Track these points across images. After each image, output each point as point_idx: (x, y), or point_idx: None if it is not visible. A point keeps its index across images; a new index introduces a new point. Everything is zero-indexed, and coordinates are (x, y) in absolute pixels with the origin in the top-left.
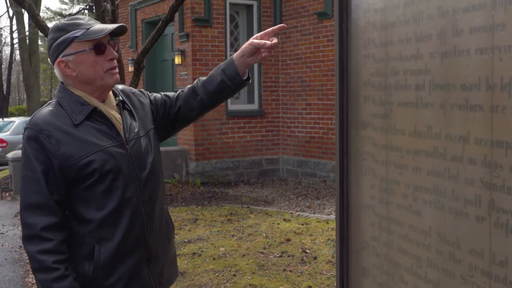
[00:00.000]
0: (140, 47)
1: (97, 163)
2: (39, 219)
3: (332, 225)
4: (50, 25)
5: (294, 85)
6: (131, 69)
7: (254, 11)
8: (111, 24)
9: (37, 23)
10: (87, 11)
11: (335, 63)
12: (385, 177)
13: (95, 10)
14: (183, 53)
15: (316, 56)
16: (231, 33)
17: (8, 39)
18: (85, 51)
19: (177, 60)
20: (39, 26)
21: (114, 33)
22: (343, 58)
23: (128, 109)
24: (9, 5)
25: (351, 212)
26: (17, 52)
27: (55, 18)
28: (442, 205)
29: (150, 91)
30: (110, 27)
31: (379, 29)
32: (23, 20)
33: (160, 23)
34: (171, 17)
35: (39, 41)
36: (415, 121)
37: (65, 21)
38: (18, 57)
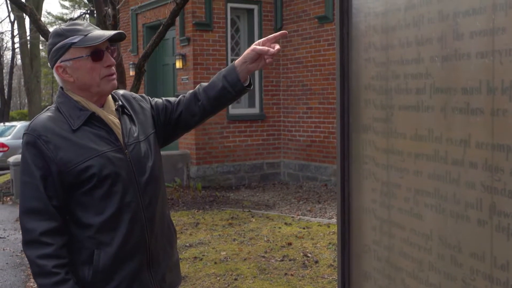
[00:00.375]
0: (141, 51)
1: (95, 168)
2: (38, 224)
3: (333, 229)
4: (51, 29)
5: (295, 89)
6: (132, 73)
7: (255, 15)
8: (112, 30)
9: (38, 27)
10: (88, 16)
11: (336, 66)
12: (386, 181)
13: (96, 14)
14: (184, 57)
15: (317, 60)
16: (232, 37)
17: (9, 44)
18: (82, 57)
19: (178, 64)
20: (41, 30)
21: (112, 39)
22: (344, 61)
23: (128, 114)
24: (10, 9)
25: (353, 215)
26: (18, 56)
27: (56, 22)
28: (443, 208)
29: (151, 96)
30: (107, 34)
31: (380, 33)
32: (24, 24)
33: (161, 28)
34: (172, 22)
35: (40, 46)
36: (416, 125)
37: (64, 26)
38: (19, 62)
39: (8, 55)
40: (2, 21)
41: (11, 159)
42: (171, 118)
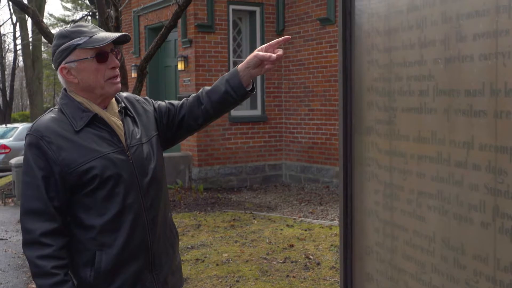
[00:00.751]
0: (143, 53)
1: (97, 169)
2: (38, 225)
3: (335, 230)
4: (53, 31)
5: (297, 91)
6: (134, 75)
7: (257, 17)
8: (115, 31)
9: (40, 29)
10: (90, 18)
11: (339, 68)
12: (389, 183)
13: (98, 16)
14: (186, 59)
15: (318, 62)
16: (234, 39)
17: (11, 45)
18: (87, 59)
19: (180, 66)
20: (43, 32)
21: (117, 41)
22: (347, 63)
23: (131, 116)
24: (12, 11)
25: (355, 217)
26: (20, 58)
27: (58, 24)
28: (446, 210)
29: (153, 97)
30: (112, 35)
31: (382, 35)
32: (26, 26)
33: (163, 29)
34: (174, 23)
35: (42, 47)
36: (419, 127)
37: (69, 28)
38: (21, 63)
39: (10, 56)
40: (4, 23)
41: (13, 161)
42: (174, 121)
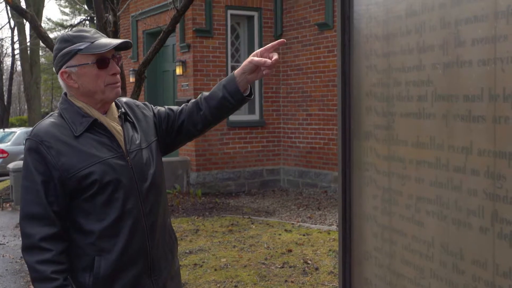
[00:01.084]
0: (141, 57)
1: (97, 174)
2: (38, 230)
3: (333, 235)
4: (51, 36)
5: (295, 95)
6: (132, 79)
7: (255, 22)
8: (113, 36)
9: (39, 34)
10: (88, 22)
11: (337, 73)
12: (388, 188)
13: (96, 21)
14: (184, 64)
15: (316, 66)
16: (232, 44)
17: (9, 50)
18: (88, 64)
19: (178, 70)
20: (41, 37)
21: (118, 47)
22: (345, 68)
23: (130, 121)
24: (10, 16)
25: (354, 222)
26: (18, 62)
27: (56, 29)
28: (445, 215)
29: (151, 102)
30: (114, 42)
31: (381, 40)
32: (24, 30)
33: (161, 34)
34: (172, 28)
35: (40, 52)
36: (418, 132)
37: (72, 32)
38: (19, 68)
39: (8, 61)
40: (2, 27)
41: (11, 165)
42: (173, 126)
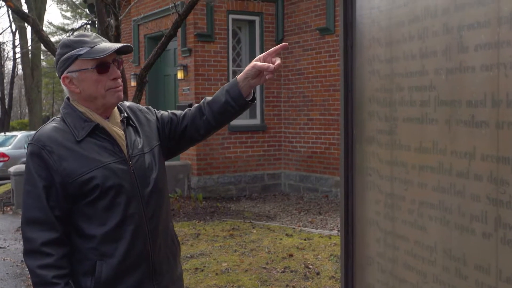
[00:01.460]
0: (142, 62)
1: (99, 179)
2: (39, 234)
3: (334, 240)
4: (52, 39)
5: (296, 100)
6: (133, 83)
7: (256, 26)
8: (115, 41)
9: (41, 38)
10: (89, 26)
11: (340, 78)
12: (390, 193)
13: (99, 25)
14: (185, 68)
15: (318, 71)
16: (234, 48)
17: (10, 54)
18: (88, 69)
19: (180, 75)
20: (43, 41)
21: (119, 51)
22: (348, 73)
23: (133, 126)
24: (12, 20)
25: (356, 227)
26: (20, 66)
27: (57, 32)
28: (448, 221)
29: (152, 106)
30: (113, 46)
31: (384, 45)
32: (25, 35)
33: (163, 38)
34: (174, 33)
35: (42, 56)
36: (421, 137)
37: (72, 37)
38: (20, 72)
39: (9, 65)
40: (3, 31)
41: (12, 169)
42: (176, 131)
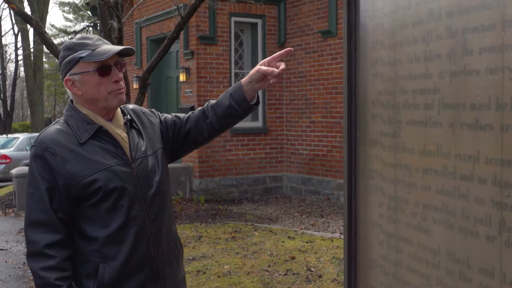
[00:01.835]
0: (144, 64)
1: (101, 181)
2: (42, 236)
3: (336, 243)
4: (55, 42)
5: (298, 102)
6: (136, 86)
7: (258, 29)
8: (118, 43)
9: (43, 40)
10: (91, 29)
11: (344, 81)
12: (394, 196)
13: (102, 28)
14: (187, 71)
15: (320, 74)
16: (236, 51)
17: (13, 56)
18: (89, 72)
19: (182, 77)
20: (46, 43)
21: (121, 54)
22: (351, 76)
23: (136, 128)
24: (14, 22)
25: (359, 230)
26: (22, 68)
27: (60, 35)
28: (451, 224)
29: (154, 108)
30: (115, 49)
31: (387, 48)
32: (28, 37)
33: (166, 41)
34: (177, 35)
35: (44, 58)
36: (424, 140)
37: (75, 40)
38: (22, 74)
39: (11, 67)
40: (6, 33)
41: (14, 171)
42: (179, 134)
